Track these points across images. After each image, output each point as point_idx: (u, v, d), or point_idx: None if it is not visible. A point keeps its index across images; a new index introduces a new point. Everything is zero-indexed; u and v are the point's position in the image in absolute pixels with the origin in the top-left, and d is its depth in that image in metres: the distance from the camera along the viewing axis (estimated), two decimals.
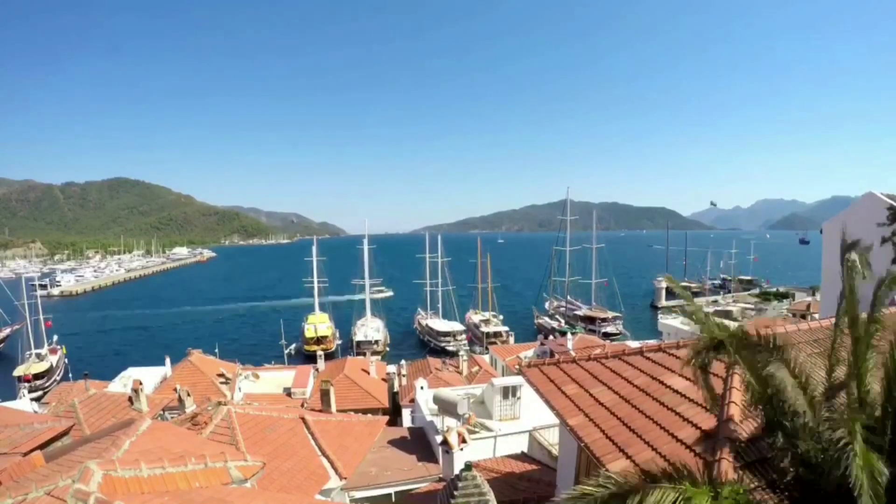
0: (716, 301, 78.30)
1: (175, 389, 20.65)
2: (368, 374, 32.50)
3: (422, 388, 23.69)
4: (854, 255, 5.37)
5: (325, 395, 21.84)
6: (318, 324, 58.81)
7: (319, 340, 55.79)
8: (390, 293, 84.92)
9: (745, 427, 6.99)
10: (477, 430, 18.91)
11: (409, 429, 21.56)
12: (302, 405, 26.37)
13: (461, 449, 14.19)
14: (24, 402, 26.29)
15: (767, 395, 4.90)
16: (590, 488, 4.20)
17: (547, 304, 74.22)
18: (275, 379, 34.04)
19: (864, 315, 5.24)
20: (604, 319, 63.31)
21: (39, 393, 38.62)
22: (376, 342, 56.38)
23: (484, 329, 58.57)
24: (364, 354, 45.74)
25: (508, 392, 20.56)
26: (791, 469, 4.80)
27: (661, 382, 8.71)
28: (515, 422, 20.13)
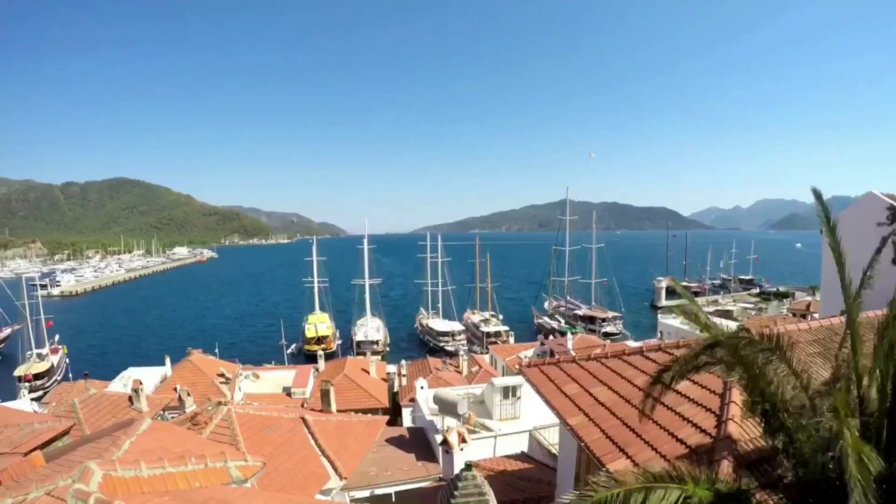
0: (716, 301, 78.34)
1: (175, 389, 20.72)
2: (368, 374, 32.49)
3: (422, 387, 23.71)
4: None
5: (325, 395, 21.83)
6: (319, 324, 58.83)
7: (320, 340, 55.82)
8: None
9: (746, 427, 6.99)
10: (477, 429, 18.89)
11: (408, 429, 21.55)
12: (302, 405, 26.38)
13: (461, 449, 14.18)
14: (24, 402, 26.31)
15: (769, 395, 4.89)
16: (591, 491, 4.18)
17: (547, 304, 74.22)
18: (275, 379, 34.08)
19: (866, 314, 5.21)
20: (604, 319, 63.36)
21: (40, 393, 38.62)
22: (376, 342, 56.34)
23: (484, 329, 58.55)
24: (364, 354, 45.73)
25: (508, 392, 20.55)
26: (791, 469, 4.79)
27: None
28: (515, 422, 20.12)
